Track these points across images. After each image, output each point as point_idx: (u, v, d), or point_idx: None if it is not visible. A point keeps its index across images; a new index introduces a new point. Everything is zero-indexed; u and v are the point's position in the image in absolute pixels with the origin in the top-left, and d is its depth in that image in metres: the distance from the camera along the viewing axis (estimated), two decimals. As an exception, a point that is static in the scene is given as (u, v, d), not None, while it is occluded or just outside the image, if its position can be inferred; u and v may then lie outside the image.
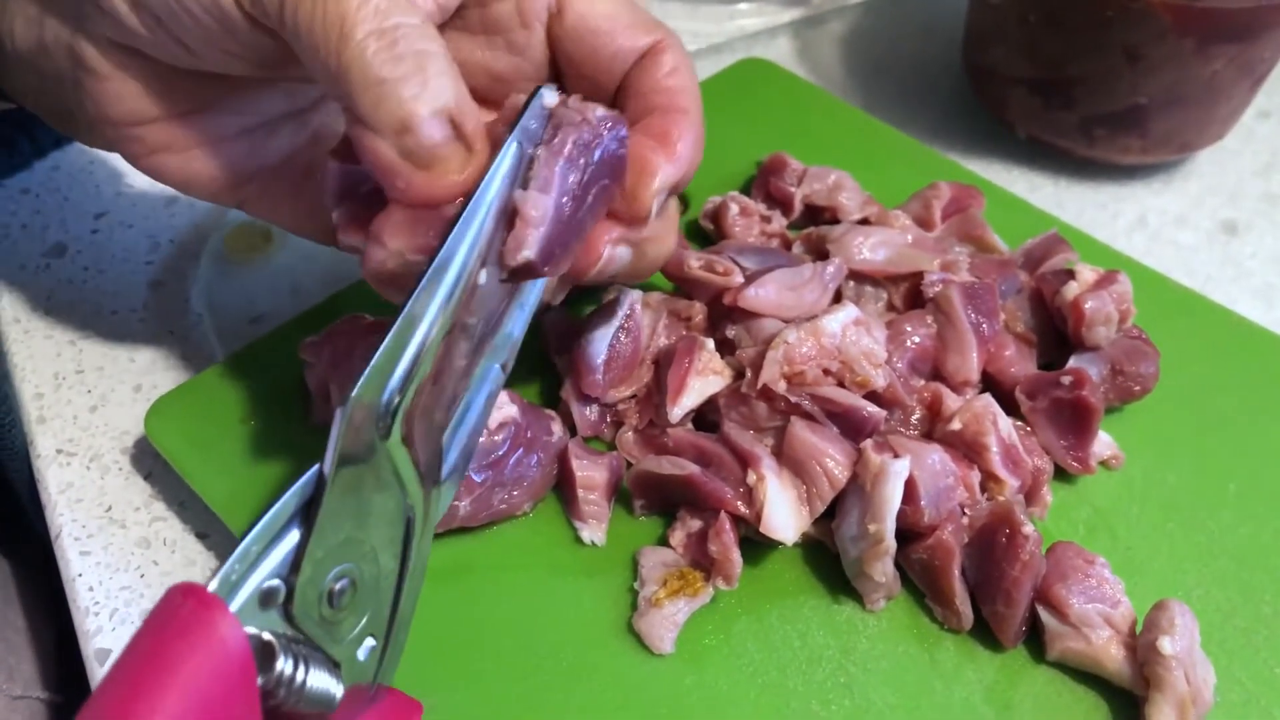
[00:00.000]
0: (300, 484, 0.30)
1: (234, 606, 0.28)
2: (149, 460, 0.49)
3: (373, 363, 0.31)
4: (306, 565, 0.29)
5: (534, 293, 0.39)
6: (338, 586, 0.31)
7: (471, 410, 0.37)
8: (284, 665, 0.28)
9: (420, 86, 0.34)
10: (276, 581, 0.29)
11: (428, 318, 0.32)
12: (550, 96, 0.36)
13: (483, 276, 0.34)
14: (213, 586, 0.28)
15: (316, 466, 0.30)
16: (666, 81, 0.40)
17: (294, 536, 0.29)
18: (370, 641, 0.32)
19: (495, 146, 0.35)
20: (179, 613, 0.26)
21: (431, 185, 0.34)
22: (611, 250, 0.38)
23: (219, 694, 0.25)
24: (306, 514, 0.30)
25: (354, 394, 0.30)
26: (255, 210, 0.45)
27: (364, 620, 0.32)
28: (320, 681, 0.29)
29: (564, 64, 0.42)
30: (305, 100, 0.45)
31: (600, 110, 0.36)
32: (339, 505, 0.30)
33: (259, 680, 0.27)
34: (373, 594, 0.32)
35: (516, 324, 0.38)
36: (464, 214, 0.33)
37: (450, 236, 0.33)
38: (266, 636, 0.28)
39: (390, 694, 0.34)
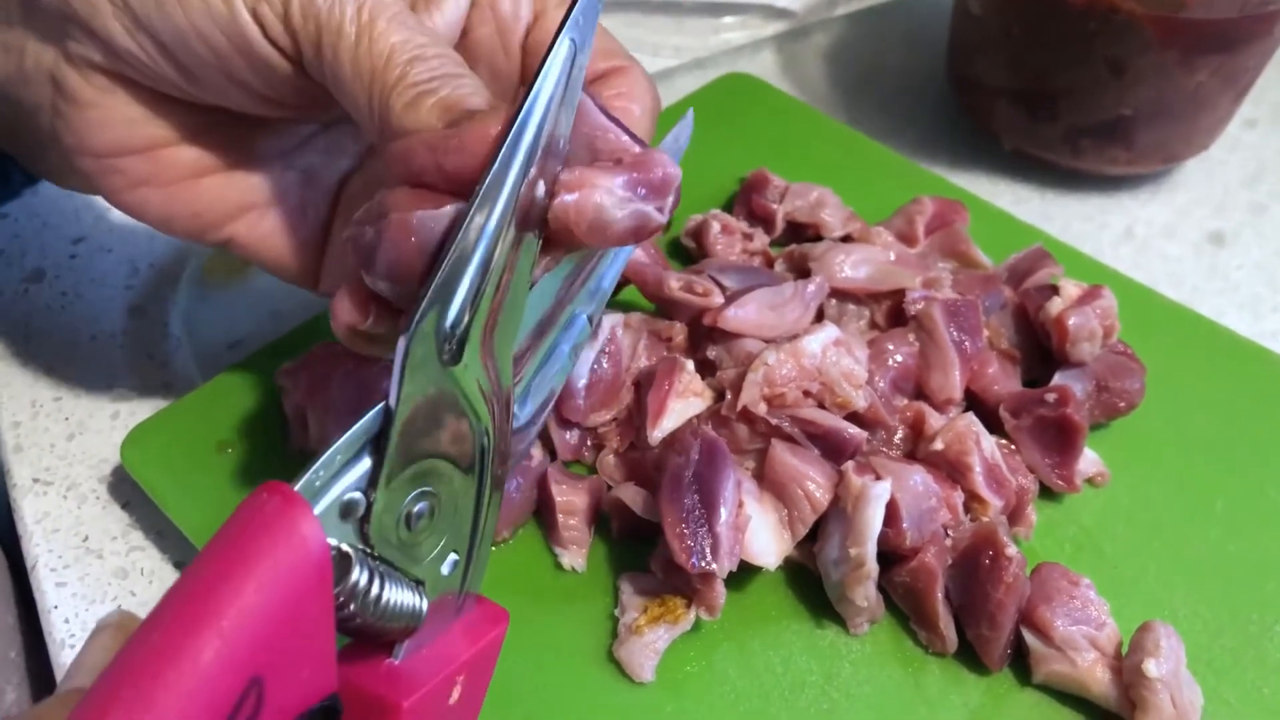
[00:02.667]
0: (368, 417, 0.29)
1: (318, 508, 0.28)
2: (127, 489, 0.49)
3: (433, 285, 0.29)
4: (380, 493, 0.29)
5: (625, 250, 0.36)
6: (415, 510, 0.30)
7: (554, 359, 0.36)
8: (359, 577, 0.28)
9: (455, 88, 0.34)
10: (357, 494, 0.28)
11: (487, 234, 0.30)
12: None
13: (540, 189, 0.32)
14: (297, 487, 0.27)
15: (383, 403, 0.29)
16: (612, 102, 0.38)
17: (366, 464, 0.29)
18: (453, 556, 0.32)
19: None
20: (263, 508, 0.26)
21: (484, 126, 0.31)
22: None
23: (296, 591, 0.25)
24: (377, 444, 0.29)
25: (415, 320, 0.29)
26: (239, 249, 0.44)
27: (444, 540, 0.31)
28: (400, 597, 0.29)
29: (524, 83, 0.40)
30: (294, 139, 0.44)
31: None
32: (408, 433, 0.29)
33: (334, 589, 0.27)
34: (451, 515, 0.31)
35: (607, 276, 0.37)
36: (519, 117, 0.31)
37: (507, 139, 0.31)
38: (345, 548, 0.28)
39: (479, 602, 0.33)
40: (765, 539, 0.41)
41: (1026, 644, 0.40)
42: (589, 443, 0.47)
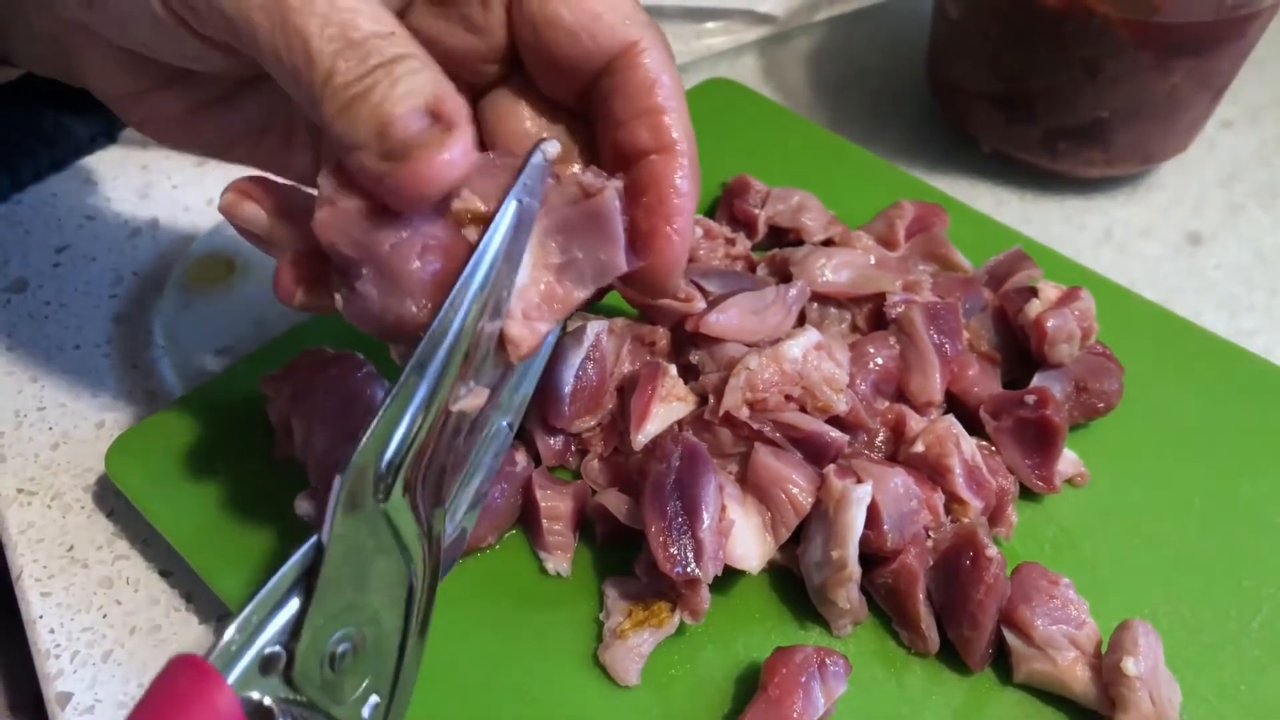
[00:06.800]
0: (300, 554, 0.30)
1: (233, 676, 0.28)
2: (111, 498, 0.49)
3: (373, 427, 0.30)
4: (306, 632, 0.29)
5: (545, 352, 0.38)
6: (339, 650, 0.30)
7: (478, 469, 0.36)
8: None
9: (390, 88, 0.31)
10: (277, 648, 0.29)
11: (428, 378, 0.31)
12: (552, 149, 0.34)
13: (488, 327, 0.33)
14: (212, 658, 0.28)
15: (315, 537, 0.30)
16: (647, 101, 0.36)
17: (294, 604, 0.29)
18: (374, 699, 0.32)
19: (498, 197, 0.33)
20: (177, 685, 0.27)
21: (415, 173, 0.30)
22: None
23: None
24: (307, 582, 0.30)
25: (353, 461, 0.30)
26: (250, 166, 0.43)
27: (366, 680, 0.32)
28: None
29: (524, 54, 0.37)
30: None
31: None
32: (338, 572, 0.30)
33: None
34: (375, 655, 0.32)
35: (526, 382, 0.37)
36: (465, 271, 0.32)
37: (452, 293, 0.32)
38: (267, 702, 0.29)
39: None
40: (748, 542, 0.42)
41: (1007, 644, 0.41)
42: (574, 448, 0.47)
